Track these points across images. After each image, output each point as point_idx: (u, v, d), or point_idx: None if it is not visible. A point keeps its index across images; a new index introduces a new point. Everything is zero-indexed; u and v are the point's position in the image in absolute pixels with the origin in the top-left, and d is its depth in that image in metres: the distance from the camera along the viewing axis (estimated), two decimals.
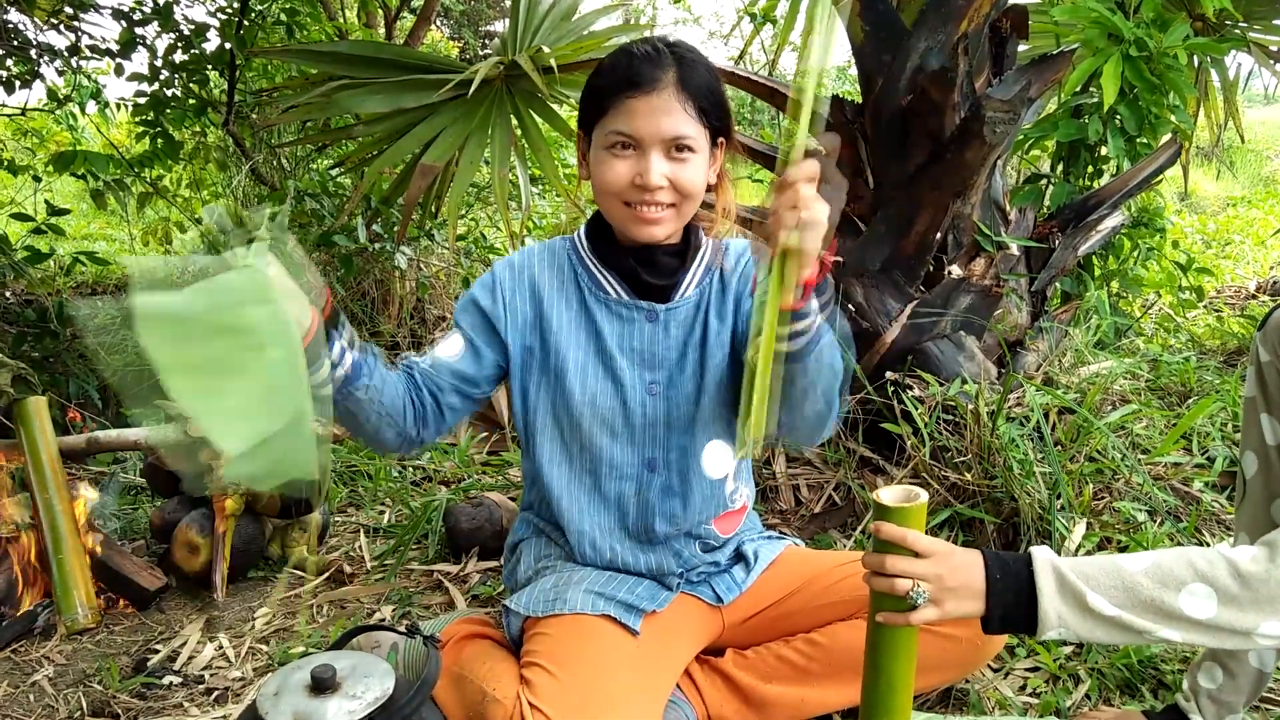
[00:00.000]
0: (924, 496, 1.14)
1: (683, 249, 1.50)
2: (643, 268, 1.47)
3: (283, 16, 4.27)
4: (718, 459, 1.53)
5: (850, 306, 2.47)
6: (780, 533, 1.79)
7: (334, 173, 4.46)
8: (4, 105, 3.99)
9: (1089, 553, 2.01)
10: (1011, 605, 1.11)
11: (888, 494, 1.15)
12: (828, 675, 1.52)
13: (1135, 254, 3.46)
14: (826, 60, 1.09)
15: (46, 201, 3.50)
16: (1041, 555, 1.11)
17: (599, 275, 1.50)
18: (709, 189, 1.48)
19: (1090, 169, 3.29)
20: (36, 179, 4.10)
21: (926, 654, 1.47)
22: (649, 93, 1.33)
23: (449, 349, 1.48)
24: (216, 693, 1.82)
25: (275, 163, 4.53)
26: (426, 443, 1.48)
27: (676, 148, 1.35)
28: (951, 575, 1.11)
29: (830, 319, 1.28)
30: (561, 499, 1.52)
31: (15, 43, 3.76)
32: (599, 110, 1.38)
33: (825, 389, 1.32)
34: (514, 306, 1.50)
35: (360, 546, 2.45)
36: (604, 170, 1.37)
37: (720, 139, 1.44)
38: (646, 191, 1.36)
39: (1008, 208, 2.74)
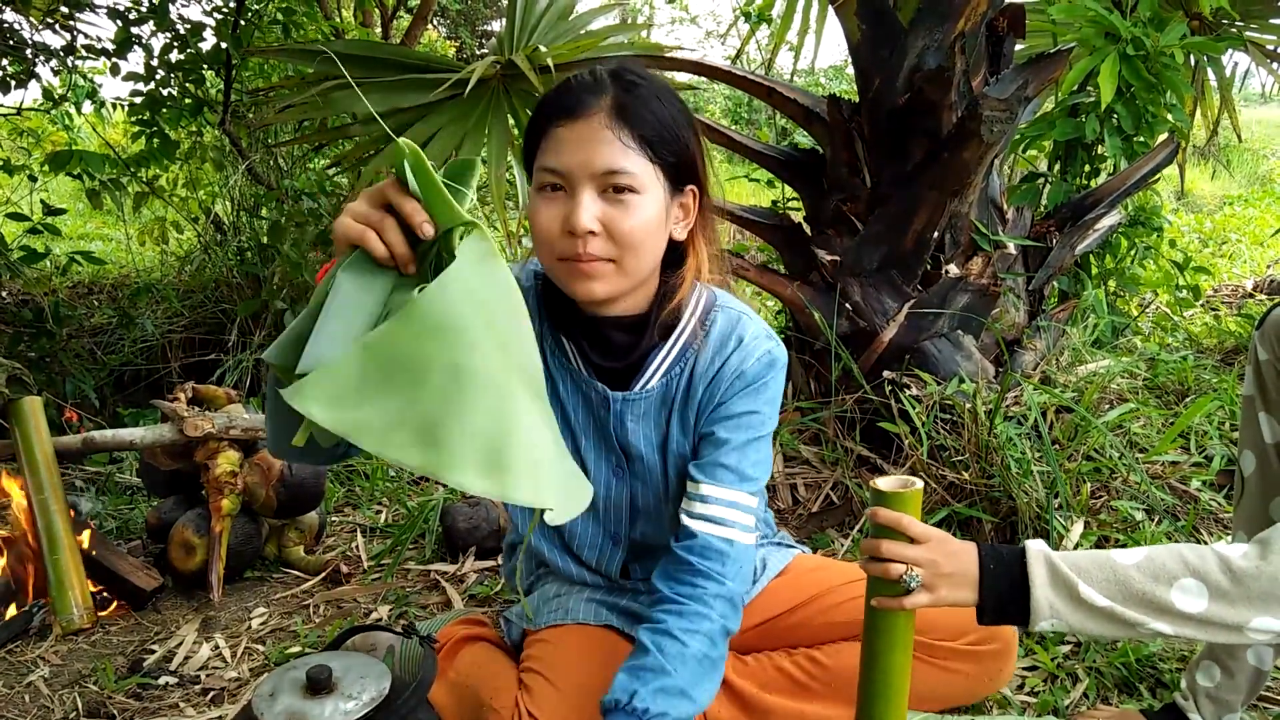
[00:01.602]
0: (919, 484, 1.16)
1: (642, 321, 1.26)
2: (593, 346, 1.28)
3: (279, 16, 4.26)
4: None
5: (848, 306, 2.46)
6: (786, 534, 1.77)
7: (331, 172, 4.45)
8: (0, 105, 3.98)
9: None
10: (1004, 594, 1.11)
11: (884, 481, 1.16)
12: (828, 695, 1.48)
13: (1132, 253, 3.46)
14: None
15: (42, 201, 3.49)
16: (1035, 547, 1.12)
17: (559, 336, 1.32)
18: (679, 246, 1.25)
19: (1087, 168, 3.29)
20: (32, 179, 4.09)
21: (933, 686, 1.46)
22: (576, 119, 1.13)
23: None
24: (212, 693, 1.81)
25: (272, 162, 4.52)
26: (348, 458, 1.22)
27: (614, 187, 1.13)
28: (945, 561, 1.12)
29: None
30: (541, 544, 1.47)
31: (11, 42, 3.75)
32: (533, 147, 1.19)
33: (711, 686, 1.24)
34: None
35: (357, 546, 2.45)
36: (533, 216, 1.17)
37: (690, 186, 1.22)
38: (576, 237, 1.13)
39: (1005, 206, 2.74)
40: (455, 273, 0.84)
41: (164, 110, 3.98)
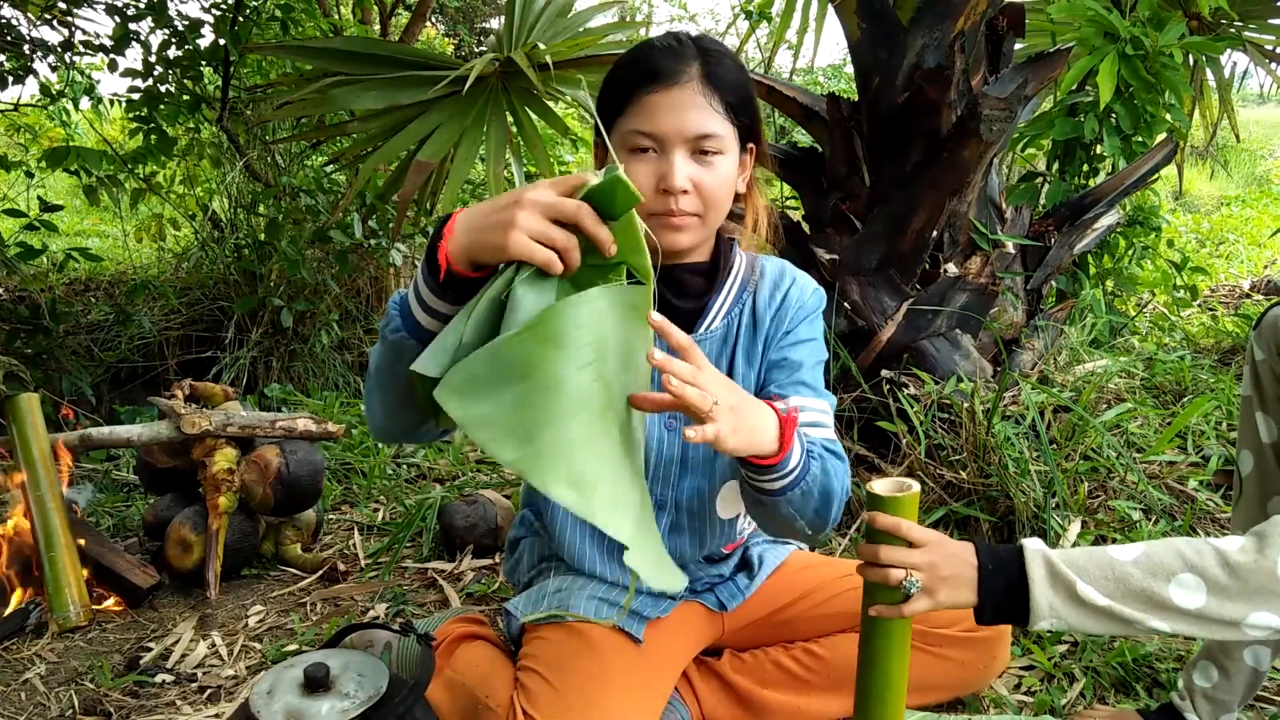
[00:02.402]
0: (915, 487, 1.15)
1: (710, 268, 1.37)
2: (666, 289, 1.33)
3: (277, 12, 4.25)
4: (732, 500, 1.44)
5: (847, 305, 2.46)
6: None
7: (328, 169, 4.45)
8: None
9: None
10: (1003, 595, 1.11)
11: (880, 485, 1.15)
12: (826, 687, 1.50)
13: (1130, 253, 3.46)
14: None
15: (39, 197, 3.48)
16: (1032, 546, 1.12)
17: None
18: (737, 198, 1.35)
19: (1086, 167, 3.29)
20: (29, 175, 4.08)
21: (929, 676, 1.47)
22: (670, 86, 1.21)
23: None
24: (209, 691, 1.81)
25: (270, 159, 4.51)
26: (431, 438, 1.29)
27: (702, 149, 1.23)
28: (944, 564, 1.11)
29: (806, 463, 1.17)
30: (565, 525, 1.47)
31: (8, 38, 3.74)
32: (616, 109, 1.26)
33: (814, 514, 1.21)
34: None
35: (354, 544, 2.45)
36: None
37: (750, 144, 1.32)
38: (671, 196, 1.22)
39: (1004, 206, 2.73)
40: (591, 299, 0.90)
41: (162, 107, 3.98)
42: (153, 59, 3.93)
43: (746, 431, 1.05)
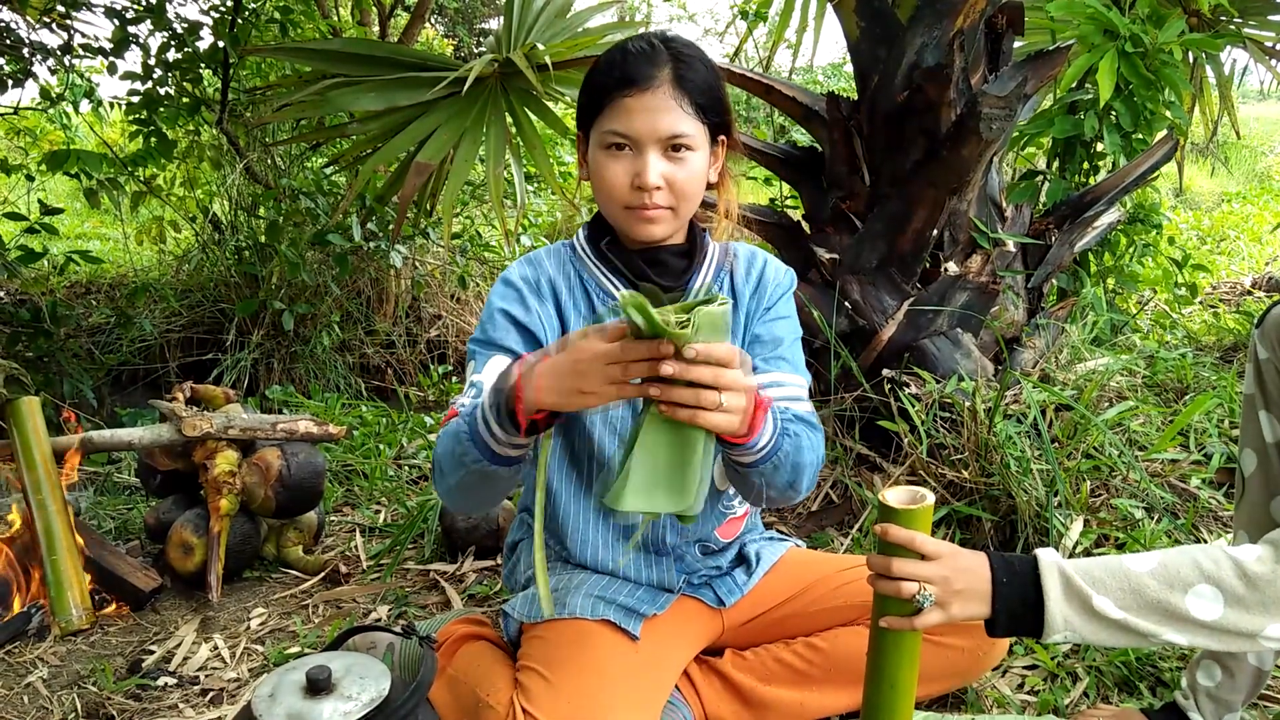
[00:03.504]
0: (930, 498, 1.12)
1: (688, 249, 1.45)
2: (650, 269, 1.42)
3: (276, 14, 4.25)
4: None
5: (847, 304, 2.46)
6: (779, 532, 1.78)
7: (328, 171, 4.45)
8: None
9: (1086, 550, 2.00)
10: (1017, 608, 1.10)
11: (893, 495, 1.13)
12: (828, 680, 1.51)
13: (1131, 250, 3.46)
14: None
15: (40, 201, 3.49)
16: (1047, 558, 1.10)
17: (604, 279, 1.44)
18: (710, 187, 1.43)
19: (1086, 165, 3.28)
20: (30, 178, 4.08)
21: (928, 664, 1.46)
22: (644, 91, 1.29)
23: None
24: (211, 694, 1.81)
25: (269, 161, 4.52)
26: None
27: (673, 147, 1.31)
28: (958, 577, 1.10)
29: (778, 441, 1.22)
30: (569, 508, 1.48)
31: (8, 42, 3.74)
32: (595, 110, 1.34)
33: (785, 484, 1.28)
34: (546, 313, 1.43)
35: (356, 546, 2.45)
36: (602, 172, 1.33)
37: (721, 136, 1.40)
38: (644, 192, 1.31)
39: (1004, 204, 2.73)
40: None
41: (161, 109, 3.98)
42: (152, 62, 3.94)
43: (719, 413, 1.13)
